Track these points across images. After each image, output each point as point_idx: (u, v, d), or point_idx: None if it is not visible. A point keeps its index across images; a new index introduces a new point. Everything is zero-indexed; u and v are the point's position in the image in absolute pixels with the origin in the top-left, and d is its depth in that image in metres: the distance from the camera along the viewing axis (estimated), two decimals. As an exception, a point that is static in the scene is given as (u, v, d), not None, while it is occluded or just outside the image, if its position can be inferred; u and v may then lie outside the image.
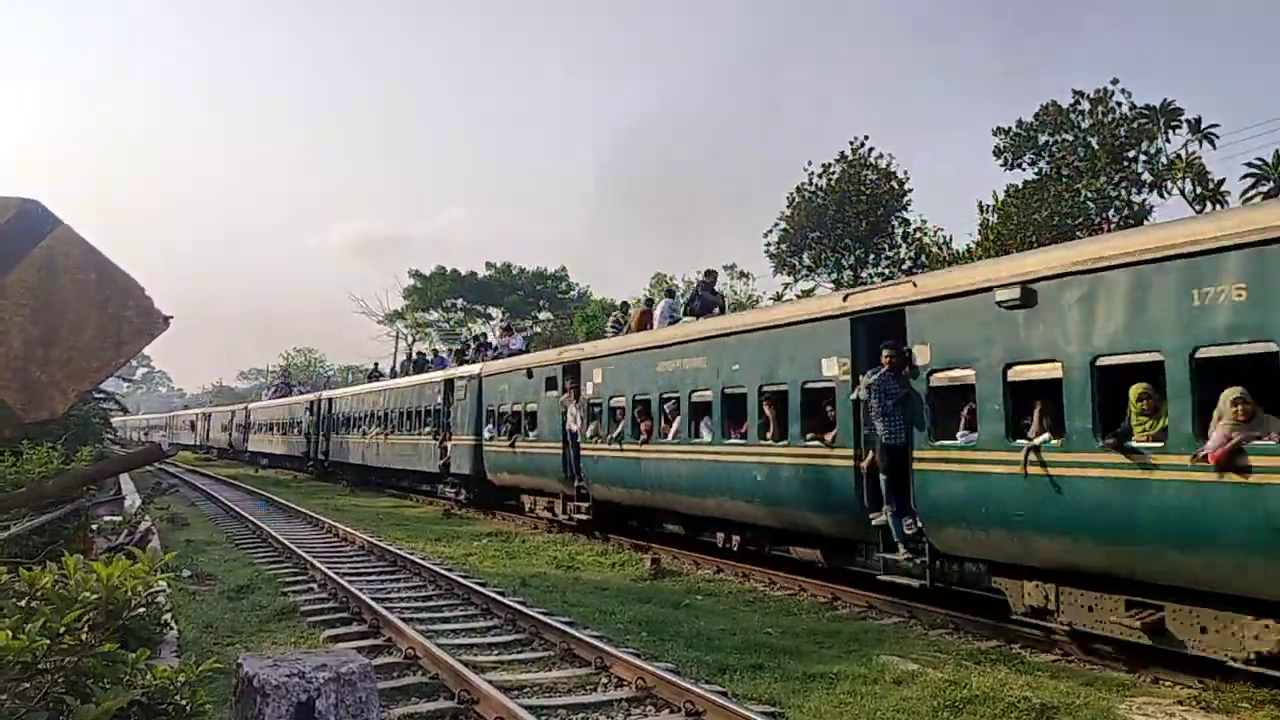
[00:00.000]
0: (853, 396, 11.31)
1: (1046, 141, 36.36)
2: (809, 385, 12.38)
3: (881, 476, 10.90)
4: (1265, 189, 34.77)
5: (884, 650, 9.62)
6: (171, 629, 9.01)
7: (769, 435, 13.14)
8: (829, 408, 12.12)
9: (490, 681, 7.84)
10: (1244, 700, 7.73)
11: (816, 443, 12.13)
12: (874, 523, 11.15)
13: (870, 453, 11.17)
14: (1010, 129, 37.09)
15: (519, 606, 10.92)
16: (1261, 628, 7.55)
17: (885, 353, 10.73)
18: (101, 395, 19.79)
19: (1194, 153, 34.78)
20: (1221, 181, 34.45)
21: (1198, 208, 32.96)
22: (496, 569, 15.07)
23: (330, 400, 41.77)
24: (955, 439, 10.08)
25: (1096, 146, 34.65)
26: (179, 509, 24.46)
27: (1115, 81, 35.08)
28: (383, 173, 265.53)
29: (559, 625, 9.85)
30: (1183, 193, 33.83)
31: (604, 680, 8.33)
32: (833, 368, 11.88)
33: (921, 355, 10.43)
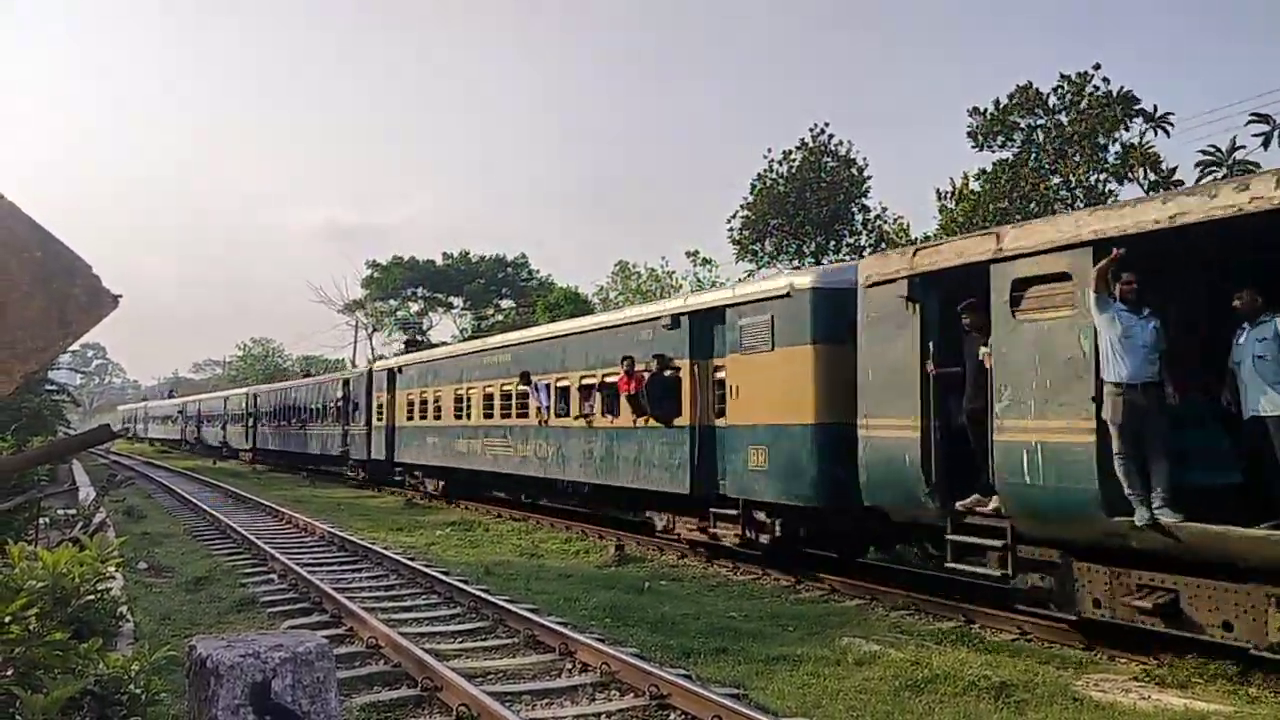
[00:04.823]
0: None
1: (1020, 125, 36.50)
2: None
3: None
4: (1219, 175, 35.35)
5: (846, 632, 9.69)
6: (128, 621, 8.87)
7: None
8: None
9: (453, 669, 7.78)
10: (1197, 675, 7.87)
11: None
12: None
13: None
14: (986, 109, 37.25)
15: (482, 594, 10.87)
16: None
17: None
18: (54, 388, 19.36)
19: (1149, 142, 35.24)
20: (1174, 169, 34.97)
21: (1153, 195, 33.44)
22: (460, 558, 14.99)
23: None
24: None
25: (1070, 132, 34.88)
26: (135, 501, 24.07)
27: (1098, 67, 35.27)
28: (352, 161, 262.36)
29: (522, 612, 9.81)
30: (1137, 181, 34.27)
31: (568, 666, 8.31)
32: None
33: None
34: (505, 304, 63.01)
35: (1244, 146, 37.76)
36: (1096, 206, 10.54)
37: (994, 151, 37.04)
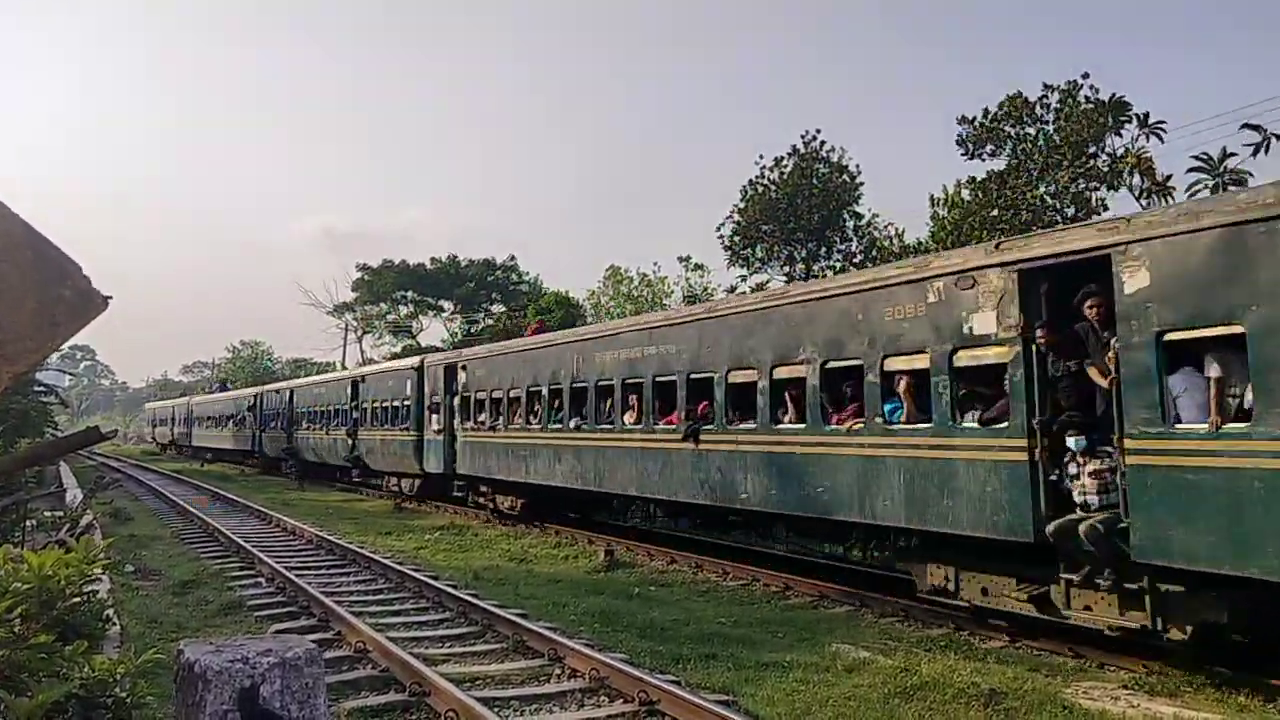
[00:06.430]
0: None
1: (1009, 134, 36.59)
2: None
3: None
4: (1211, 184, 35.51)
5: (836, 638, 9.68)
6: (114, 625, 8.77)
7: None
8: None
9: (442, 674, 7.76)
10: (1186, 684, 7.90)
11: None
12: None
13: None
14: (975, 118, 37.34)
15: (471, 599, 10.83)
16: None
17: None
18: (42, 389, 19.24)
19: (1142, 148, 35.34)
20: (1169, 177, 35.08)
21: (1144, 203, 33.48)
22: (449, 562, 14.94)
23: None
24: None
25: (1059, 141, 34.96)
26: (122, 503, 23.94)
27: (1086, 76, 35.46)
28: (348, 170, 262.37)
29: (511, 617, 9.78)
30: (1130, 188, 34.38)
31: (557, 671, 8.29)
32: None
33: None
34: (496, 308, 62.92)
35: (1235, 154, 37.90)
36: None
37: (984, 160, 37.18)
